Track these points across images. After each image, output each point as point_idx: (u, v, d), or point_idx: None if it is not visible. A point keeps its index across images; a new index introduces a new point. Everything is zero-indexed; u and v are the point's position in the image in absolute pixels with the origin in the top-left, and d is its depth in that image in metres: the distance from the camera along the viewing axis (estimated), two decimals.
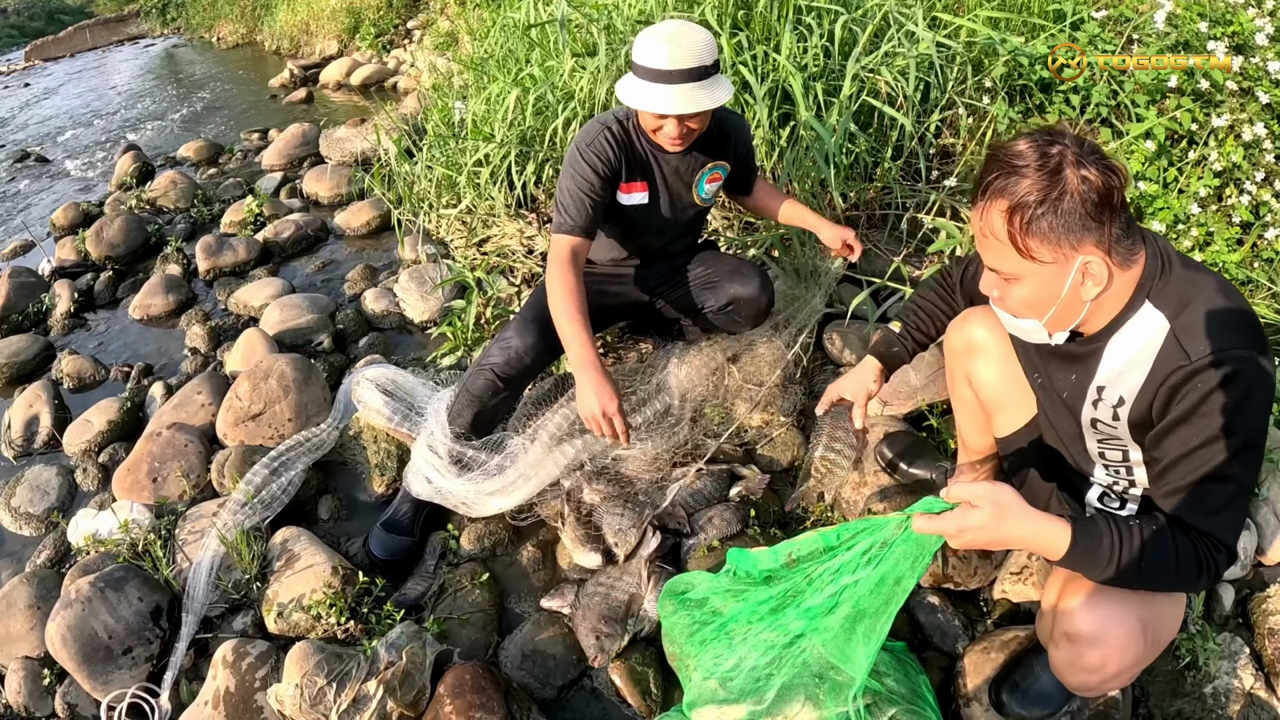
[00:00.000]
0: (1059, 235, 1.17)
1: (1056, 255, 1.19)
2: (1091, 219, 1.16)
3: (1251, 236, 2.53)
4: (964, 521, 1.22)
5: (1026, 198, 1.16)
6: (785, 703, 1.54)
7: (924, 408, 2.38)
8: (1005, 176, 1.19)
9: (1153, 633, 1.33)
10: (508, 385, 2.25)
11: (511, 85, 3.57)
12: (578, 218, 2.14)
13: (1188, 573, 1.21)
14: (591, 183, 2.14)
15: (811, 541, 1.46)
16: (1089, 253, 1.19)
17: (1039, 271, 1.22)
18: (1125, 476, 1.46)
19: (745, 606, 1.59)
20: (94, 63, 13.51)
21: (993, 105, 2.87)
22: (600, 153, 2.14)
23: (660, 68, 1.95)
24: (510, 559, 2.25)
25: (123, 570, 2.15)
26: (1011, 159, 1.19)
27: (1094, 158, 1.16)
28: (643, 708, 1.81)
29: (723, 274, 2.45)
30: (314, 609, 2.01)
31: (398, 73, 8.19)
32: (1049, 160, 1.16)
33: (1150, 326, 1.25)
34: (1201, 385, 1.18)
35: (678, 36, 1.96)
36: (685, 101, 1.97)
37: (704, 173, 2.30)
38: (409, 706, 1.76)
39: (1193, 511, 1.22)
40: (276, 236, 4.34)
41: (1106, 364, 1.33)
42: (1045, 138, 1.19)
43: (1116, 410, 1.33)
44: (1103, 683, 1.37)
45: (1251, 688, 1.73)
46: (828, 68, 3.03)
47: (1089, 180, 1.14)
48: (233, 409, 2.73)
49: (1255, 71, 2.62)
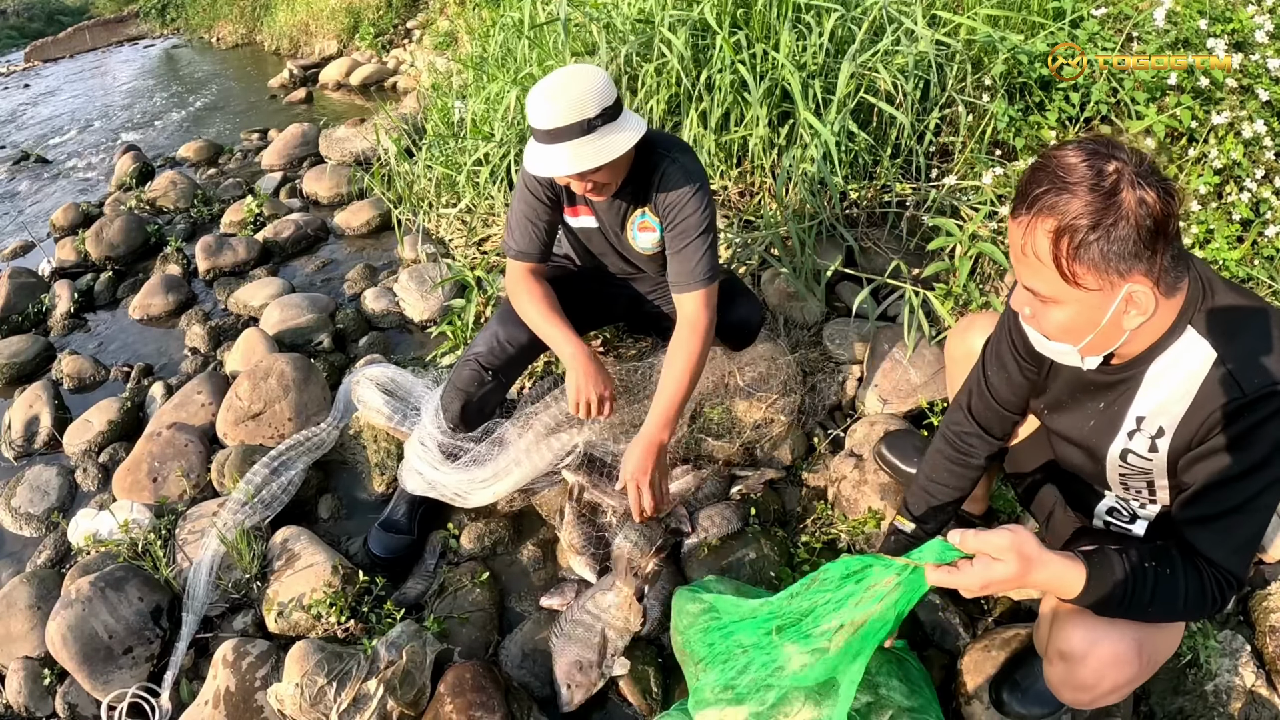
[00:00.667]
0: (1109, 263, 1.07)
1: (1102, 283, 1.09)
2: (1145, 247, 1.06)
3: (1252, 234, 2.53)
4: (988, 576, 1.16)
5: (1078, 221, 1.05)
6: (786, 703, 1.54)
7: (924, 406, 2.38)
8: (1056, 193, 1.07)
9: (1148, 653, 1.31)
10: (494, 375, 2.23)
11: (511, 84, 3.57)
12: (523, 243, 2.14)
13: (1194, 608, 1.21)
14: (535, 208, 2.11)
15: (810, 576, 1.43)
16: (1137, 282, 1.09)
17: (1081, 298, 1.12)
18: (1145, 498, 1.40)
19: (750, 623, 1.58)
20: (93, 64, 13.50)
21: (992, 103, 2.87)
22: (541, 180, 2.06)
23: (543, 127, 1.84)
24: (510, 558, 2.25)
25: (123, 570, 2.15)
26: (1063, 173, 1.07)
27: (1153, 178, 1.05)
28: (643, 706, 1.81)
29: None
30: (314, 608, 2.01)
31: (397, 72, 8.19)
32: (1104, 179, 1.05)
33: (1193, 355, 1.18)
34: (1252, 418, 1.13)
35: (558, 92, 1.82)
36: (568, 161, 1.84)
37: (635, 218, 2.15)
38: (409, 705, 1.76)
39: (1215, 545, 1.20)
40: (276, 236, 4.34)
41: (1147, 393, 1.24)
42: (1100, 150, 1.07)
43: (1155, 441, 1.26)
44: (1095, 700, 1.36)
45: (1253, 685, 1.73)
46: (826, 66, 3.03)
47: (1146, 204, 1.04)
48: (233, 409, 2.73)
49: (1255, 69, 2.61)
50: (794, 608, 1.50)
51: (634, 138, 1.88)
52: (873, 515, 2.10)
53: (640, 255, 2.24)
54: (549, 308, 2.10)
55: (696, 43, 3.15)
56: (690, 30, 3.11)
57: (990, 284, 2.70)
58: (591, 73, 1.86)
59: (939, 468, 1.66)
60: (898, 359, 2.50)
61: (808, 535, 2.17)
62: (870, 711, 1.57)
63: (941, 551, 1.23)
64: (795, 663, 1.48)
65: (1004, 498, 2.09)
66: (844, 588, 1.39)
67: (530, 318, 2.13)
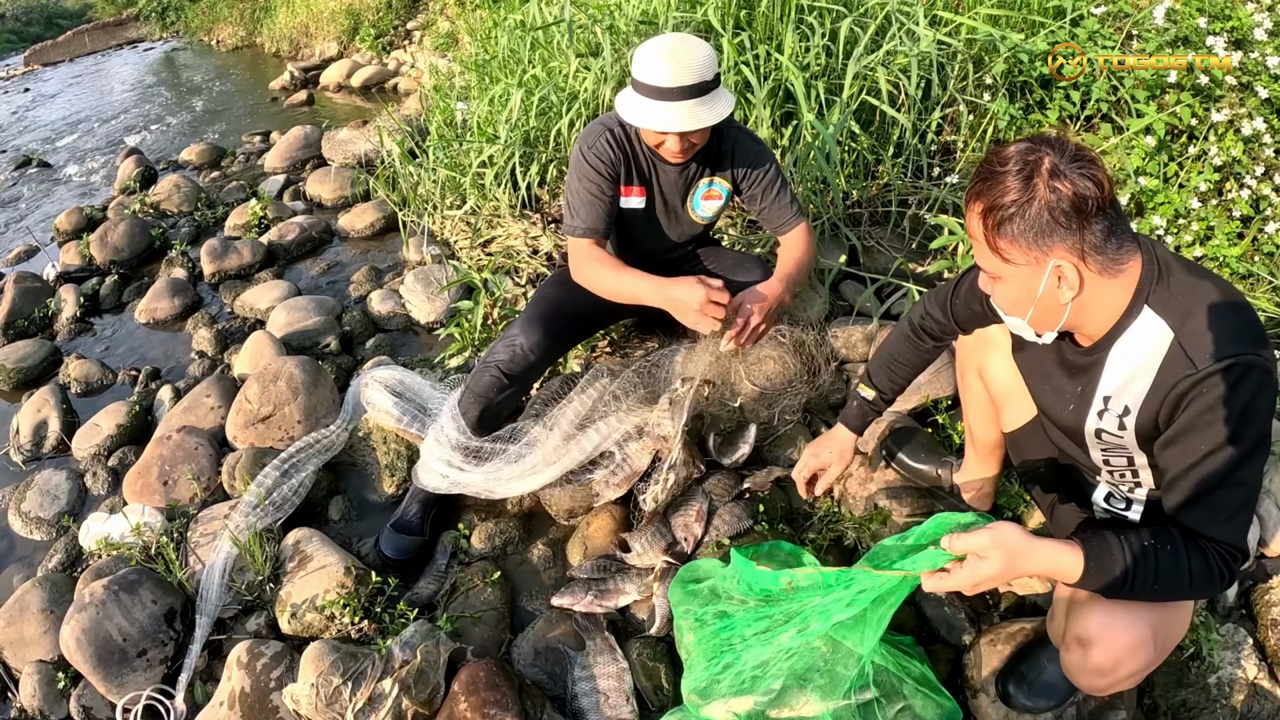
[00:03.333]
0: (1028, 239, 1.21)
1: (1028, 258, 1.23)
2: (1061, 225, 1.18)
3: (1252, 231, 2.55)
4: (977, 575, 1.25)
5: (999, 200, 1.20)
6: (791, 694, 1.57)
7: (929, 403, 2.40)
8: (985, 180, 1.23)
9: (1162, 636, 1.35)
10: (513, 382, 2.26)
11: (515, 86, 3.58)
12: (589, 218, 2.18)
13: (1202, 585, 1.24)
14: (597, 182, 2.16)
15: (811, 577, 1.47)
16: (1061, 257, 1.21)
17: (1014, 272, 1.26)
18: (1131, 480, 1.47)
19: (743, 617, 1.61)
20: (93, 67, 13.51)
21: (993, 102, 2.89)
22: (602, 154, 2.15)
23: (661, 85, 1.95)
24: (521, 557, 2.27)
25: (136, 573, 2.17)
26: (996, 164, 1.23)
27: (1075, 165, 1.18)
28: (655, 701, 1.83)
29: (726, 268, 2.46)
30: (327, 609, 2.03)
31: (398, 74, 8.20)
32: (1026, 166, 1.19)
33: (1152, 334, 1.26)
34: (1208, 392, 1.19)
35: (678, 53, 1.95)
36: (688, 118, 1.97)
37: (699, 187, 2.30)
38: (424, 704, 1.78)
39: (1205, 521, 1.23)
40: (281, 239, 4.36)
41: (1110, 373, 1.34)
42: (1035, 144, 1.21)
43: (1123, 420, 1.34)
44: (1111, 685, 1.38)
45: (1255, 678, 1.74)
46: (829, 67, 3.04)
47: (1058, 190, 1.17)
48: (242, 411, 2.75)
49: (1254, 66, 2.63)
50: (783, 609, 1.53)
51: (731, 101, 2.06)
52: (879, 512, 2.12)
53: (694, 225, 2.39)
54: (616, 265, 2.18)
55: None
56: (694, 32, 3.13)
57: None
58: (702, 43, 2.00)
59: (897, 343, 1.87)
60: None
61: (814, 533, 2.19)
62: (879, 704, 1.59)
63: (934, 558, 1.29)
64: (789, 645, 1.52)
65: (1007, 494, 2.11)
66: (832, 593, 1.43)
67: (604, 281, 2.19)
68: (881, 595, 1.39)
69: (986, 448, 1.94)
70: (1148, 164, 2.69)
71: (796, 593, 1.51)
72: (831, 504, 2.24)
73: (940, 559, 1.29)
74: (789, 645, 1.54)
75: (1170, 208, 2.59)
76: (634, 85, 2.03)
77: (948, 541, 1.27)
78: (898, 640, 1.78)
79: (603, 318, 2.53)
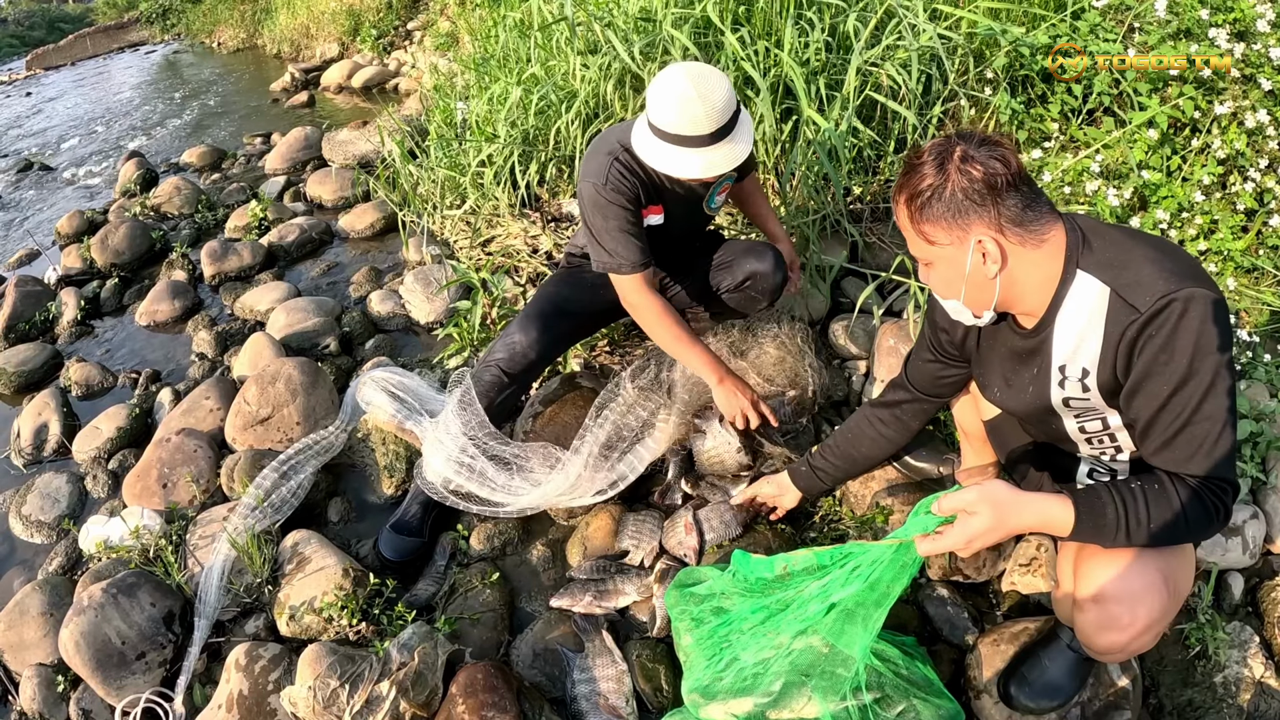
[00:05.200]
0: (948, 219, 1.29)
1: (950, 237, 1.30)
2: (975, 203, 1.26)
3: (1256, 223, 2.53)
4: (968, 531, 1.27)
5: (917, 187, 1.29)
6: (790, 696, 1.55)
7: None
8: (906, 174, 1.33)
9: (1173, 583, 1.36)
10: (513, 381, 2.27)
11: (514, 84, 3.57)
12: (634, 254, 2.13)
13: (1198, 522, 1.25)
14: (628, 217, 2.12)
15: (805, 559, 1.49)
16: (981, 233, 1.28)
17: (941, 254, 1.34)
18: (1110, 445, 1.49)
19: (740, 611, 1.60)
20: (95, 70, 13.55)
21: (995, 96, 2.87)
22: (618, 188, 2.09)
23: (686, 134, 1.92)
24: (520, 558, 2.26)
25: (134, 576, 2.16)
26: (914, 159, 1.32)
27: (983, 149, 1.26)
28: (654, 703, 1.82)
29: (736, 253, 2.44)
30: (326, 611, 2.02)
31: (399, 74, 8.20)
32: (939, 156, 1.28)
33: (1090, 293, 1.29)
34: (1156, 334, 1.22)
35: (702, 97, 1.90)
36: (721, 163, 1.96)
37: (715, 185, 2.28)
38: (422, 706, 1.77)
39: (1184, 461, 1.25)
40: (281, 240, 4.35)
41: (1060, 342, 1.37)
42: (946, 139, 1.30)
43: (1084, 382, 1.37)
44: (1130, 640, 1.37)
45: (1262, 676, 1.73)
46: (829, 62, 3.02)
47: (968, 172, 1.25)
48: (241, 413, 2.74)
49: (1257, 58, 2.60)
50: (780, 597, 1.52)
51: (752, 125, 2.08)
52: (880, 511, 2.10)
53: (708, 218, 2.42)
54: (679, 329, 2.17)
55: (700, 40, 3.15)
56: (694, 28, 3.11)
57: None
58: (713, 70, 1.96)
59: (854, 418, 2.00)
60: (903, 354, 2.49)
61: (815, 532, 2.18)
62: (881, 705, 1.57)
63: (924, 524, 1.31)
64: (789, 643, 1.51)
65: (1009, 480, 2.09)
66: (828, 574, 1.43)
67: (663, 339, 2.20)
68: (874, 593, 1.38)
69: (977, 437, 1.95)
70: (1151, 158, 2.66)
71: (792, 578, 1.53)
72: (833, 503, 2.23)
73: (931, 524, 1.31)
74: (788, 643, 1.54)
75: (1174, 201, 2.57)
76: (654, 130, 1.98)
77: (936, 505, 1.30)
78: (899, 640, 1.77)
79: (602, 316, 2.52)
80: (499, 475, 2.22)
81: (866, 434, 1.96)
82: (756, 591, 1.61)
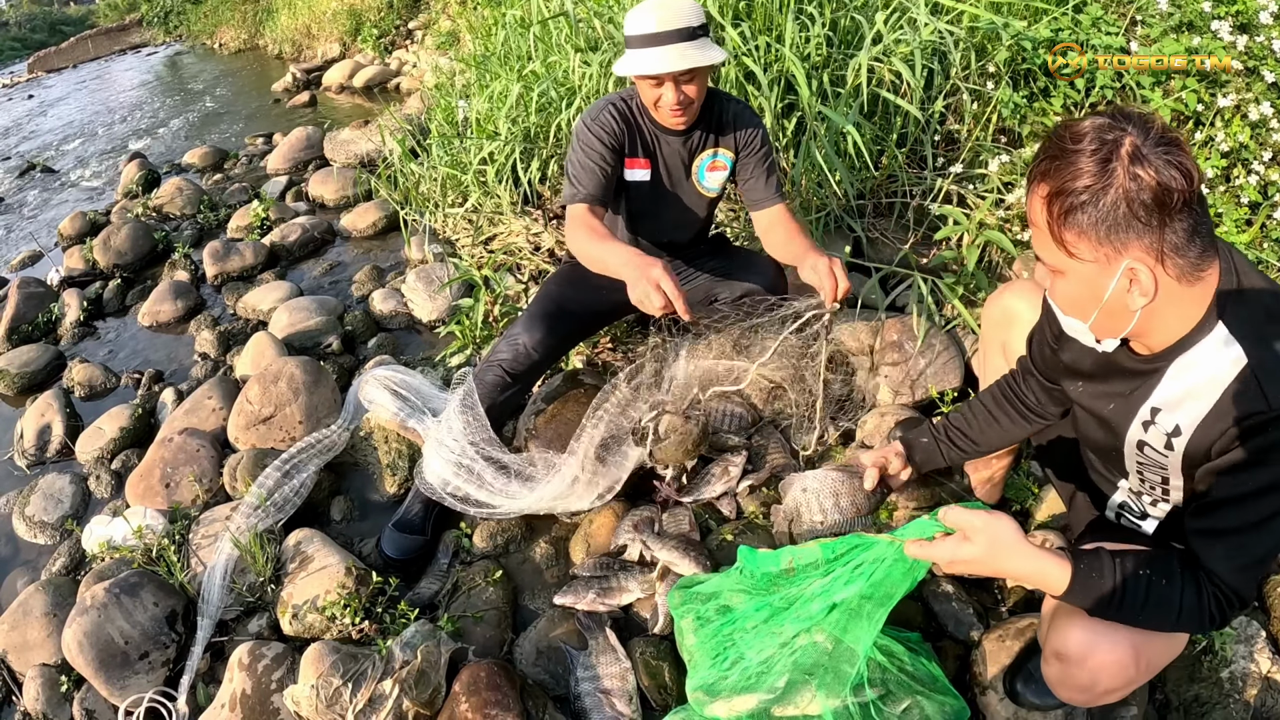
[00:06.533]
0: (1100, 233, 1.03)
1: (1098, 255, 1.05)
2: (1139, 221, 1.01)
3: (1260, 216, 2.51)
4: (956, 553, 1.23)
5: (1068, 184, 1.03)
6: (794, 693, 1.55)
7: (934, 396, 2.38)
8: (1054, 159, 1.06)
9: (1146, 659, 1.28)
10: (516, 380, 2.26)
11: (515, 82, 3.57)
12: (589, 185, 2.14)
13: (1190, 621, 1.18)
14: (600, 152, 2.15)
15: (810, 552, 1.47)
16: (1137, 258, 1.04)
17: (1079, 269, 1.09)
18: (1159, 494, 1.35)
19: (744, 609, 1.59)
20: (96, 73, 13.57)
21: (997, 90, 2.86)
22: (605, 125, 2.15)
23: (649, 31, 1.98)
24: (523, 556, 2.25)
25: (137, 576, 2.16)
26: (1070, 140, 1.05)
27: (1160, 151, 1.00)
28: (658, 700, 1.81)
29: (735, 267, 2.44)
30: (328, 610, 2.01)
31: (400, 73, 8.20)
32: (1104, 146, 1.01)
33: (1222, 356, 1.10)
34: (1275, 435, 1.07)
35: (665, 3, 1.99)
36: (678, 59, 1.98)
37: (704, 158, 2.28)
38: (425, 705, 1.76)
39: (1221, 559, 1.15)
40: (283, 240, 4.36)
41: (1166, 386, 1.18)
42: (1114, 120, 1.03)
43: (1171, 440, 1.20)
44: (1092, 700, 1.34)
45: (1268, 671, 1.72)
46: (830, 57, 3.02)
47: (1140, 178, 1.00)
48: (243, 413, 2.74)
49: (1260, 51, 2.59)
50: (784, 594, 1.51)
51: (723, 55, 2.08)
52: (886, 505, 2.09)
53: (700, 199, 2.37)
54: (602, 235, 2.06)
55: None
56: None
57: (998, 271, 2.68)
58: None
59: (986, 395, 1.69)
60: (907, 349, 2.49)
61: None
62: (885, 702, 1.57)
63: (924, 527, 1.29)
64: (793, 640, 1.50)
65: (1014, 487, 2.09)
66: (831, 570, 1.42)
67: (587, 249, 2.06)
68: (878, 590, 1.37)
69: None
70: None
71: (797, 573, 1.51)
72: None
73: (930, 529, 1.29)
74: (792, 641, 1.53)
75: None
76: (627, 42, 2.06)
77: (943, 512, 1.26)
78: (904, 637, 1.76)
79: (606, 316, 2.51)
80: (497, 479, 2.20)
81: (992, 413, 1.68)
82: (760, 589, 1.60)
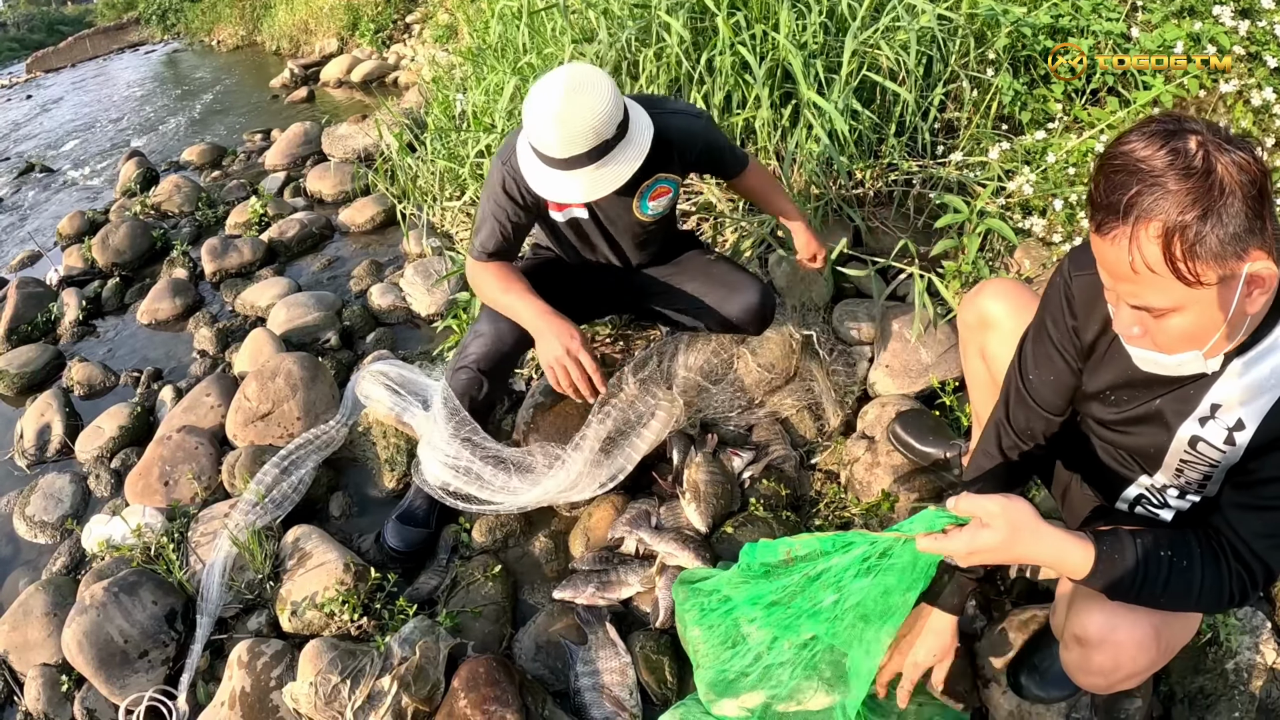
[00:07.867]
0: (1227, 249, 0.93)
1: (1223, 271, 0.94)
2: (1256, 216, 0.92)
3: None
4: (974, 543, 1.16)
5: (1185, 215, 0.91)
6: (802, 690, 1.54)
7: (936, 385, 2.36)
8: (1145, 192, 0.93)
9: (1166, 639, 1.26)
10: (489, 375, 2.17)
11: (510, 74, 3.55)
12: (489, 243, 2.04)
13: (1206, 602, 1.15)
14: (506, 210, 2.00)
15: (810, 544, 1.44)
16: (1255, 258, 0.94)
17: (1203, 297, 0.97)
18: (1193, 489, 1.28)
19: (747, 596, 1.58)
20: (95, 72, 13.56)
21: (997, 77, 2.83)
22: (520, 178, 1.93)
23: (554, 156, 1.75)
24: (522, 550, 2.24)
25: (136, 574, 2.15)
26: (1144, 167, 0.93)
27: (1226, 138, 0.93)
28: (658, 695, 1.80)
29: (716, 293, 2.32)
30: (327, 606, 2.00)
31: (398, 68, 8.19)
32: (1192, 159, 0.91)
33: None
34: None
35: (565, 117, 1.70)
36: (588, 188, 1.78)
37: (645, 189, 2.09)
38: (424, 701, 1.75)
39: (1258, 533, 1.12)
40: (281, 236, 4.35)
41: (1225, 382, 1.10)
42: (1169, 129, 0.94)
43: (1233, 434, 1.13)
44: (1111, 685, 1.32)
45: (1274, 663, 1.70)
46: (827, 45, 2.99)
47: (1244, 169, 0.92)
48: (241, 410, 2.73)
49: (1263, 35, 2.57)
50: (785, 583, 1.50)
51: (647, 140, 1.83)
52: (886, 497, 2.08)
53: (645, 224, 2.19)
54: (510, 279, 2.00)
55: (695, 25, 3.11)
56: (688, 13, 3.08)
57: (999, 260, 2.66)
58: (598, 86, 1.73)
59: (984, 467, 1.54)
60: (907, 339, 2.47)
61: (820, 519, 2.15)
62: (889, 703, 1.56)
63: (932, 520, 1.23)
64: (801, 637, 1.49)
65: None
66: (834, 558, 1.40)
67: (492, 295, 2.03)
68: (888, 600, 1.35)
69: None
70: None
71: (796, 564, 1.48)
72: (837, 489, 2.21)
73: (939, 521, 1.22)
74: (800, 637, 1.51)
75: None
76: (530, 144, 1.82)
77: (954, 502, 1.19)
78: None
79: (596, 308, 2.49)
80: (496, 476, 2.18)
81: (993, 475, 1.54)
82: (761, 579, 1.59)
